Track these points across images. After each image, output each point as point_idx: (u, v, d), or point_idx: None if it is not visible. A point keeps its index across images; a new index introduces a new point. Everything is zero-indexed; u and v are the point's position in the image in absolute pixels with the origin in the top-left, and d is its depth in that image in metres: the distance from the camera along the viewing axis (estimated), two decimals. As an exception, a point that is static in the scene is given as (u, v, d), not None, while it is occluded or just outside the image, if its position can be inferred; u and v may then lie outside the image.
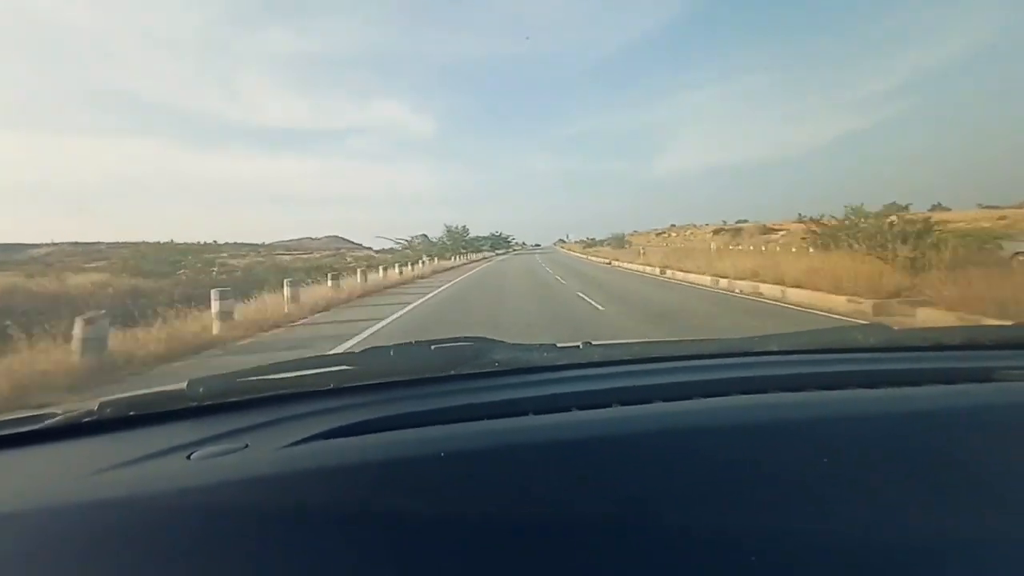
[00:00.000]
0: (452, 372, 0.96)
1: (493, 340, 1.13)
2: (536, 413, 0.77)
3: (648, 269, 19.80)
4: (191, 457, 0.67)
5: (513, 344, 1.13)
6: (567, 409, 0.78)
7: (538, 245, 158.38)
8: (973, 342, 1.19)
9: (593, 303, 10.46)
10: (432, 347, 1.05)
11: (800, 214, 19.63)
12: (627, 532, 0.52)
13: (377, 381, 0.92)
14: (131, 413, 0.82)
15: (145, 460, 0.67)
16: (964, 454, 0.66)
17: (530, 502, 0.57)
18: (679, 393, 0.84)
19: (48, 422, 0.80)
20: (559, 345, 1.19)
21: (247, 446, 0.69)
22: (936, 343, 1.19)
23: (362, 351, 1.03)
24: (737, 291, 11.71)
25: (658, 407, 0.79)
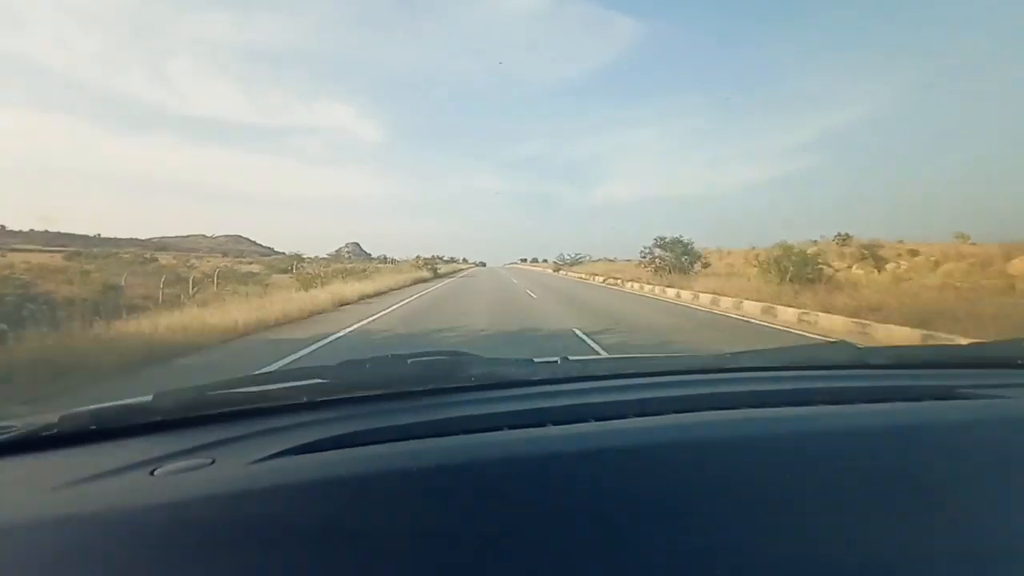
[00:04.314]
0: (429, 387, 0.94)
1: (470, 354, 1.12)
2: (511, 428, 0.77)
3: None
4: (154, 473, 0.65)
5: (490, 359, 1.13)
6: (542, 424, 0.78)
7: (484, 263, 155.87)
8: (936, 361, 1.25)
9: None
10: (408, 360, 1.04)
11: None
12: (600, 548, 0.52)
13: (351, 395, 0.91)
14: (93, 427, 0.79)
15: (106, 476, 0.64)
16: (927, 470, 0.67)
17: (505, 516, 0.56)
18: (653, 409, 0.85)
19: (4, 436, 0.77)
20: (536, 360, 1.18)
21: (214, 462, 0.67)
22: (900, 361, 1.25)
23: (338, 364, 1.00)
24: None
25: (631, 423, 0.79)
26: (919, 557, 0.54)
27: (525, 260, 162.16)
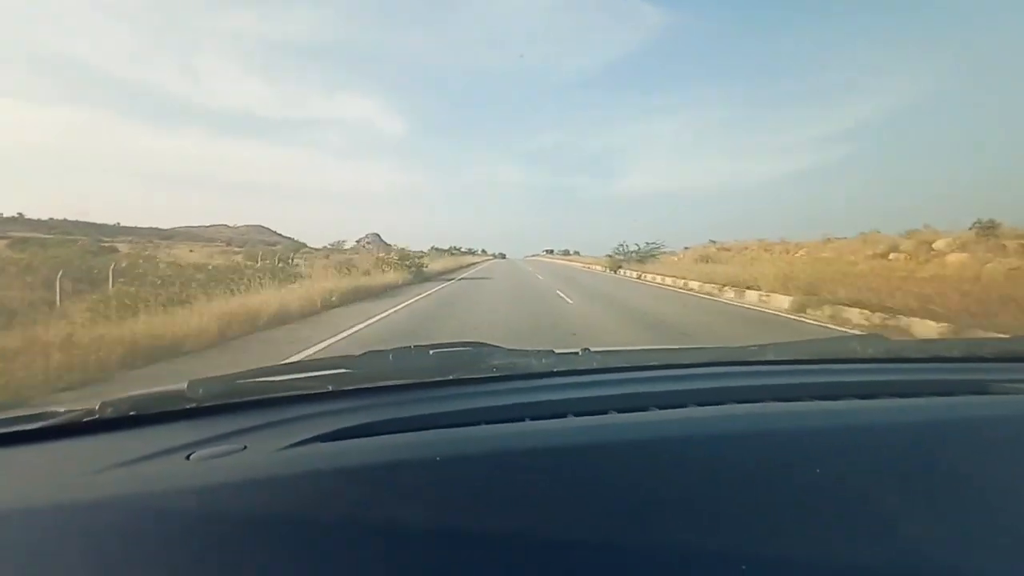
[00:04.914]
0: (450, 377, 0.95)
1: (492, 345, 1.12)
2: (533, 419, 0.77)
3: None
4: (190, 457, 0.67)
5: (511, 350, 1.13)
6: (563, 415, 0.78)
7: (503, 255, 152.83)
8: (971, 355, 1.20)
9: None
10: (431, 352, 1.07)
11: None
12: (621, 539, 0.52)
13: (376, 385, 0.92)
14: (132, 413, 0.82)
15: (144, 460, 0.67)
16: (960, 466, 0.65)
17: (525, 507, 0.57)
18: (674, 401, 0.84)
19: (49, 421, 0.80)
20: (557, 351, 1.18)
21: (245, 447, 0.69)
22: (934, 355, 1.22)
23: (361, 355, 1.05)
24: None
25: (653, 415, 0.79)
26: (952, 555, 0.52)
27: (551, 252, 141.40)
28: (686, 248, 35.16)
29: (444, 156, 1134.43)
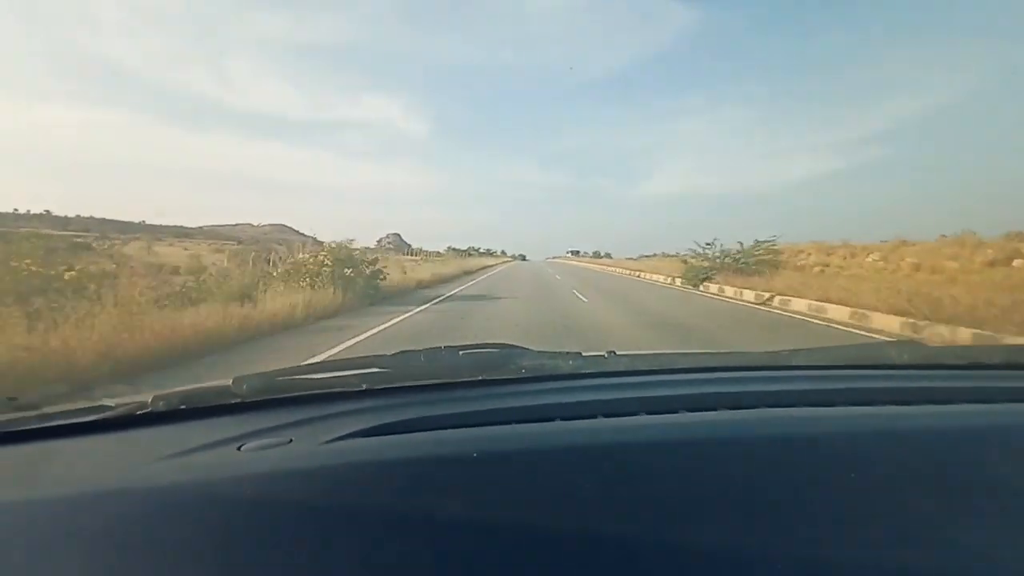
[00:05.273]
0: (479, 377, 0.96)
1: (521, 347, 1.14)
2: (563, 419, 0.77)
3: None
4: (241, 448, 0.70)
5: (540, 351, 1.13)
6: (592, 416, 0.79)
7: (524, 257, 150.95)
8: (1012, 362, 1.14)
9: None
10: (461, 353, 1.08)
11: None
12: (651, 539, 0.52)
13: (408, 384, 0.93)
14: (182, 407, 0.85)
15: (200, 450, 0.70)
16: (1000, 474, 0.64)
17: (558, 505, 0.58)
18: (705, 404, 0.84)
19: (106, 414, 0.82)
20: (585, 354, 1.17)
21: (291, 441, 0.72)
22: (973, 362, 1.17)
23: (394, 354, 1.06)
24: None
25: (683, 417, 0.79)
26: (991, 565, 0.52)
27: (577, 253, 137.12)
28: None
29: (466, 157, 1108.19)
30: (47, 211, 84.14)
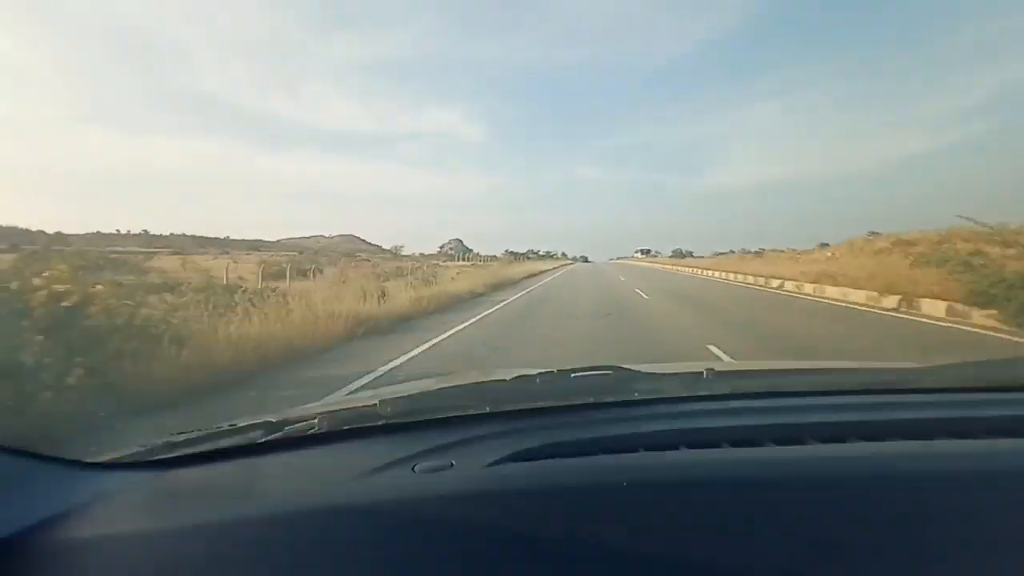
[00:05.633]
0: (590, 400, 0.98)
1: (628, 368, 1.11)
2: (689, 447, 0.77)
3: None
4: (415, 469, 0.73)
5: (649, 373, 1.14)
6: (717, 444, 0.78)
7: (585, 258, 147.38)
8: None
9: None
10: (573, 375, 1.09)
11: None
12: None
13: (529, 406, 0.95)
14: (345, 427, 0.89)
15: (383, 470, 0.74)
16: None
17: (709, 537, 0.59)
18: (834, 434, 0.80)
19: (277, 434, 0.87)
20: (693, 371, 1.16)
21: (452, 464, 0.74)
22: None
23: (513, 378, 1.12)
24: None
25: (815, 450, 0.76)
26: None
27: (648, 252, 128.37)
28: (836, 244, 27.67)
29: (525, 159, 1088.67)
30: (145, 230, 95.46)
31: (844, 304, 11.66)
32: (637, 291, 15.84)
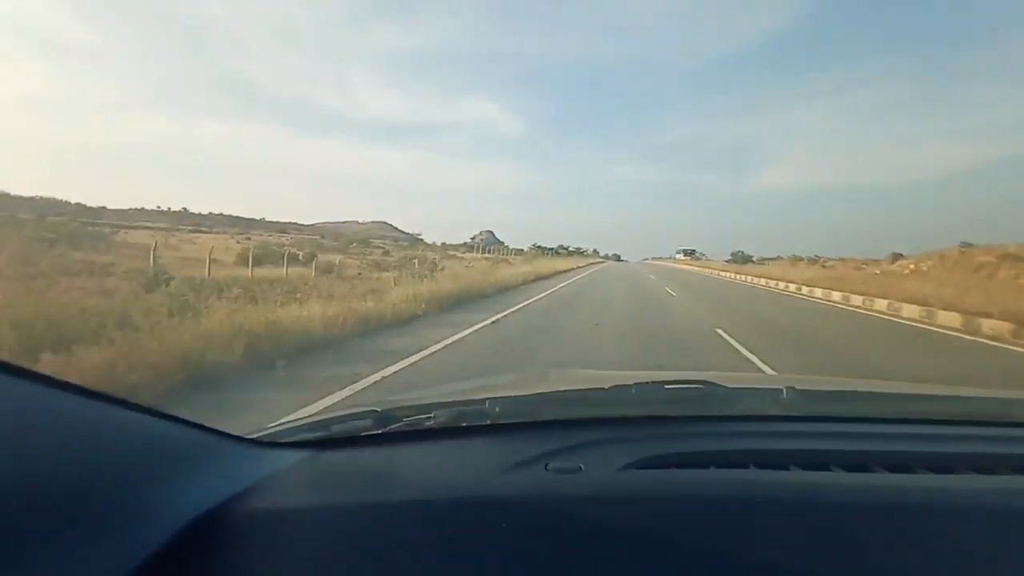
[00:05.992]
0: (686, 413, 0.99)
1: (718, 385, 1.12)
2: (802, 468, 0.77)
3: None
4: (548, 468, 0.75)
5: (733, 388, 1.15)
6: (826, 468, 0.77)
7: (618, 257, 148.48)
8: None
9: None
10: (665, 387, 1.12)
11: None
12: None
13: (627, 415, 0.97)
14: (463, 424, 0.91)
15: (521, 466, 0.76)
16: None
17: (820, 558, 0.60)
18: (944, 465, 0.79)
19: (398, 425, 0.90)
20: (782, 387, 1.09)
21: (581, 468, 0.76)
22: None
23: (611, 387, 1.11)
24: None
25: (922, 479, 0.75)
26: None
27: (691, 253, 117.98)
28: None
29: (561, 154, 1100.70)
30: (184, 208, 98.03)
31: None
32: (720, 332, 7.81)
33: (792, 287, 18.85)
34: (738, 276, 28.67)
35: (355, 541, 0.64)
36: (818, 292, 16.02)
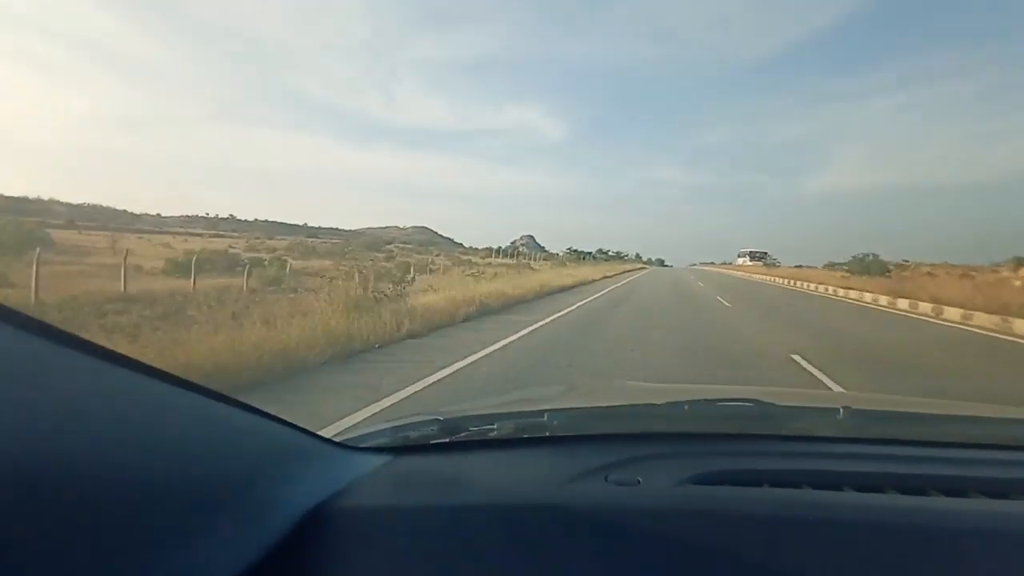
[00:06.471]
0: (737, 431, 0.99)
1: (769, 403, 1.10)
2: (858, 490, 0.76)
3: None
4: (607, 480, 0.77)
5: (787, 407, 1.17)
6: (880, 489, 0.76)
7: (662, 262, 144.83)
8: None
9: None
10: (718, 403, 1.15)
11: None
12: None
13: (685, 431, 0.99)
14: (524, 436, 0.94)
15: (581, 478, 0.78)
16: None
17: None
18: (999, 489, 0.77)
19: (463, 435, 0.94)
20: (836, 406, 1.08)
21: (639, 481, 0.77)
22: None
23: (664, 403, 1.15)
24: None
25: (979, 503, 0.74)
26: None
27: (762, 257, 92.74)
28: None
29: (603, 158, 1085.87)
30: (231, 215, 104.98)
31: None
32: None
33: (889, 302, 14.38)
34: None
35: (430, 540, 0.67)
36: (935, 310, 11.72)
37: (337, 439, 0.90)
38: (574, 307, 12.53)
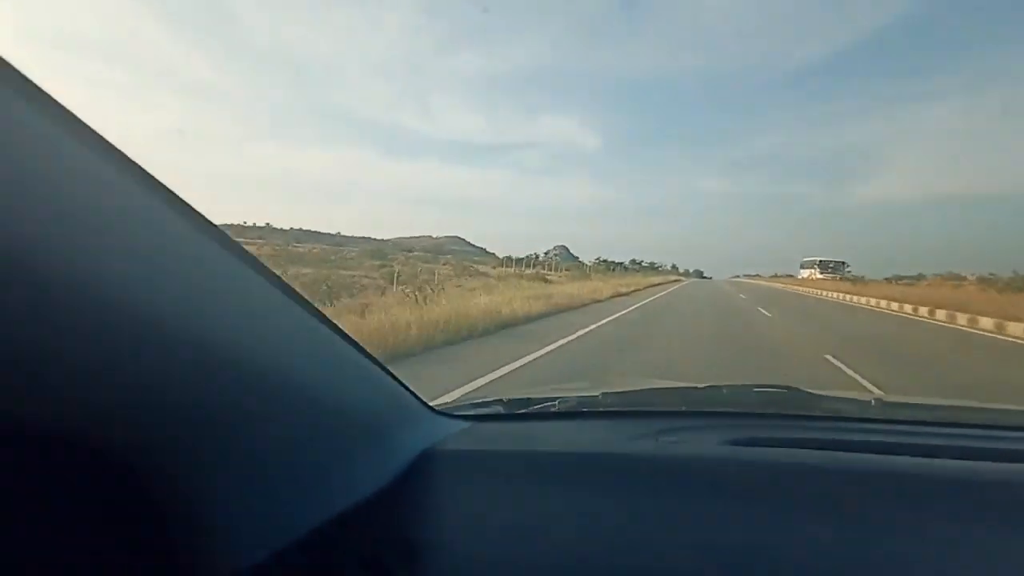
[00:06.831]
0: (769, 411, 1.09)
1: (801, 389, 1.22)
2: (878, 453, 0.81)
3: None
4: (658, 439, 0.88)
5: (817, 394, 1.23)
6: (899, 454, 0.80)
7: (701, 273, 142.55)
8: None
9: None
10: (754, 390, 1.29)
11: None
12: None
13: (726, 410, 1.10)
14: (583, 409, 1.10)
15: (635, 438, 0.90)
16: None
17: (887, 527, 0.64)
18: (968, 454, 0.81)
19: (526, 409, 1.09)
20: (861, 399, 1.23)
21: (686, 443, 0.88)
22: None
23: (706, 386, 1.33)
24: None
25: (994, 466, 0.76)
26: None
27: (840, 268, 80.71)
28: None
29: (639, 168, 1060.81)
30: (268, 224, 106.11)
31: None
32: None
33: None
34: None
35: (511, 477, 0.78)
36: None
37: (433, 405, 1.00)
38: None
